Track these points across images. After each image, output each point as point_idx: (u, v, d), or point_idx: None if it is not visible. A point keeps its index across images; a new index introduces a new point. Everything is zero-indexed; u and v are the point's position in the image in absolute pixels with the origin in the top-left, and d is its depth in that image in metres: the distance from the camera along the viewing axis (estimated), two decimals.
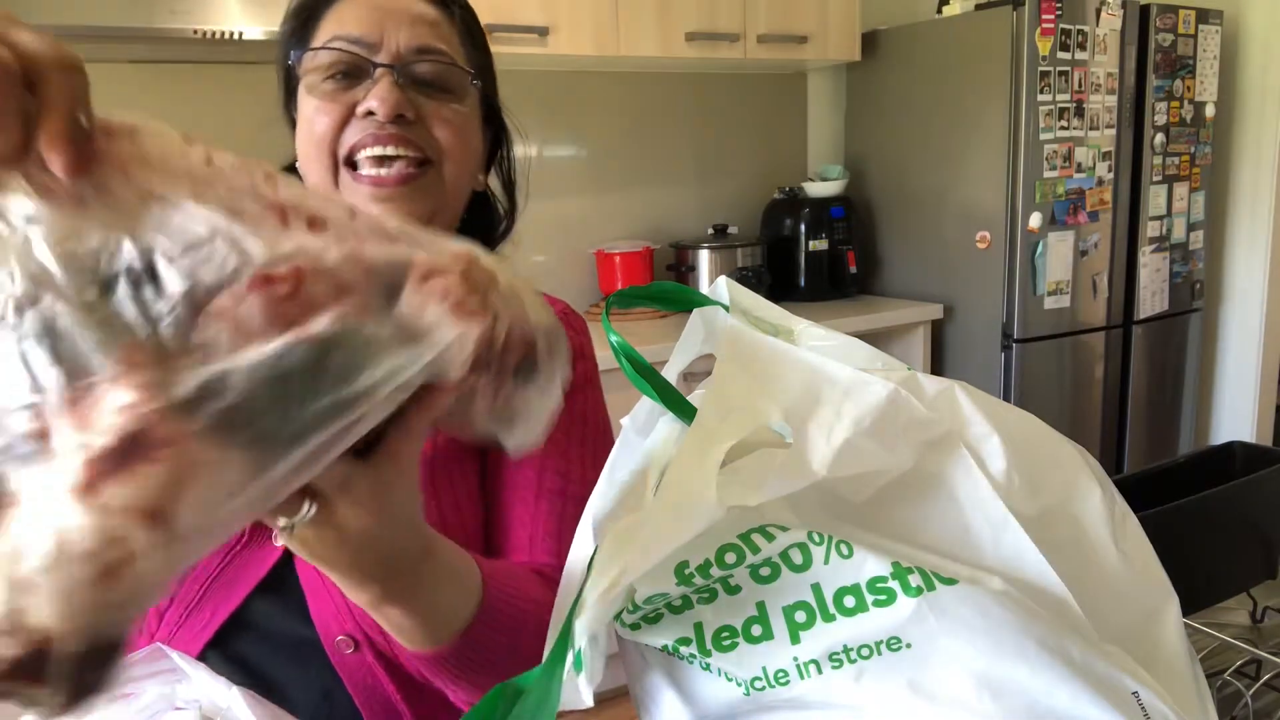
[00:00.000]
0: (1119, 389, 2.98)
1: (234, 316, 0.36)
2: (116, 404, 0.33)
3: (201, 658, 0.70)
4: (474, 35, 0.85)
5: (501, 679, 0.50)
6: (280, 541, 0.47)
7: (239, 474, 0.35)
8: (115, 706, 0.56)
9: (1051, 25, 2.58)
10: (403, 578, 0.54)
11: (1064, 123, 2.66)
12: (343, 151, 0.75)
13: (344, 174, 0.76)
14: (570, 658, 0.53)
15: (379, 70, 0.75)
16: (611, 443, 0.61)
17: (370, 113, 0.74)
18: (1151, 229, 2.91)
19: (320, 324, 0.37)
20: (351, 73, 0.76)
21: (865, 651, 0.50)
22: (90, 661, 0.32)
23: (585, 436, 0.83)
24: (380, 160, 0.75)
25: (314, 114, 0.76)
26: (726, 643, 0.53)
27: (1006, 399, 2.73)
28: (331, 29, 0.77)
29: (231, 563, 0.74)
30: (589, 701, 0.52)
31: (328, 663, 0.73)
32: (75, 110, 0.35)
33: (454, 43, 0.81)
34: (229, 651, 0.73)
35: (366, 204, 0.74)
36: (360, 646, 0.73)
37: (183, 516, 0.33)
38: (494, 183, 0.95)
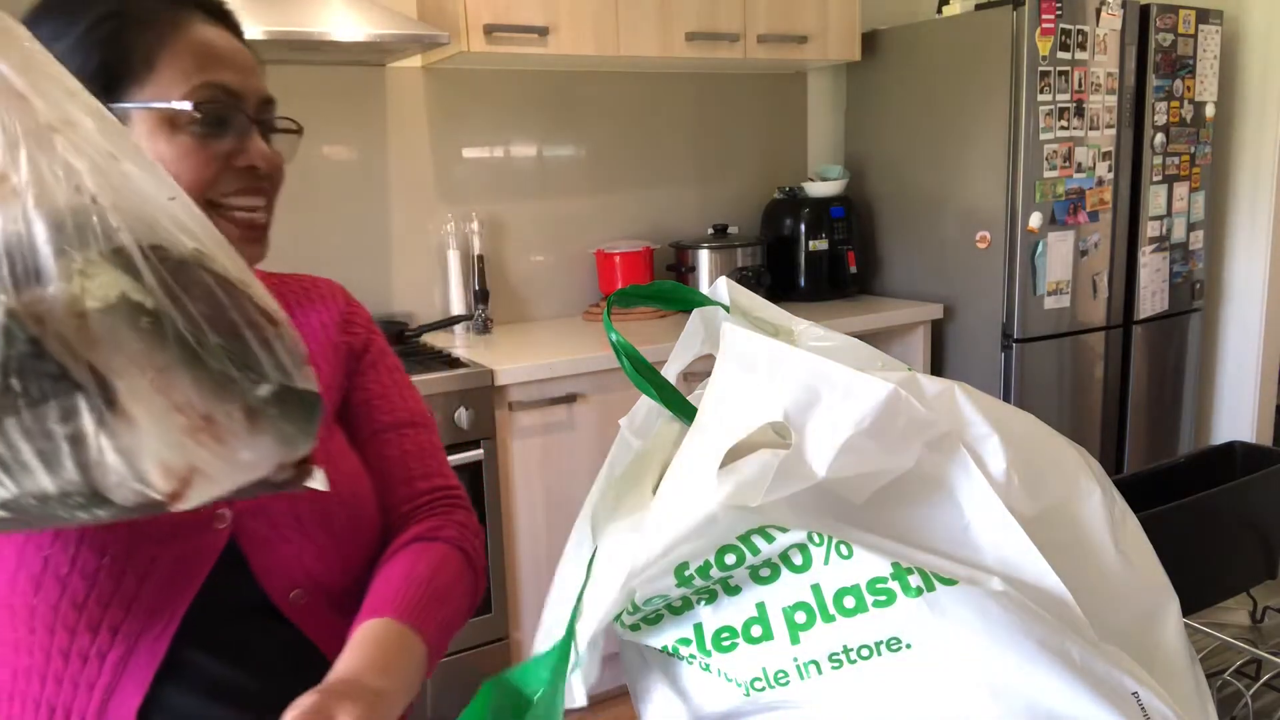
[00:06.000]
0: (1119, 389, 2.98)
1: None
2: None
3: (178, 637, 0.75)
4: None
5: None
6: None
7: None
8: None
9: (1051, 25, 2.58)
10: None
11: (1064, 123, 2.66)
12: (211, 195, 0.79)
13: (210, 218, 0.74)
14: (573, 662, 0.53)
15: (251, 125, 0.80)
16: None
17: (251, 166, 0.80)
18: (1151, 229, 2.91)
19: None
20: (226, 119, 0.79)
21: (865, 652, 0.50)
22: None
23: (408, 382, 0.98)
24: (251, 207, 0.81)
25: (182, 157, 0.76)
26: (726, 643, 0.53)
27: (1006, 399, 2.73)
28: (188, 63, 0.76)
29: (184, 556, 0.77)
30: (583, 701, 0.52)
31: (284, 618, 0.81)
32: None
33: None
34: (200, 631, 0.77)
35: (236, 244, 0.72)
36: (313, 596, 0.82)
37: None
38: None
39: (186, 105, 0.76)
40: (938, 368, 2.95)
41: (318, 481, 0.57)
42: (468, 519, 0.93)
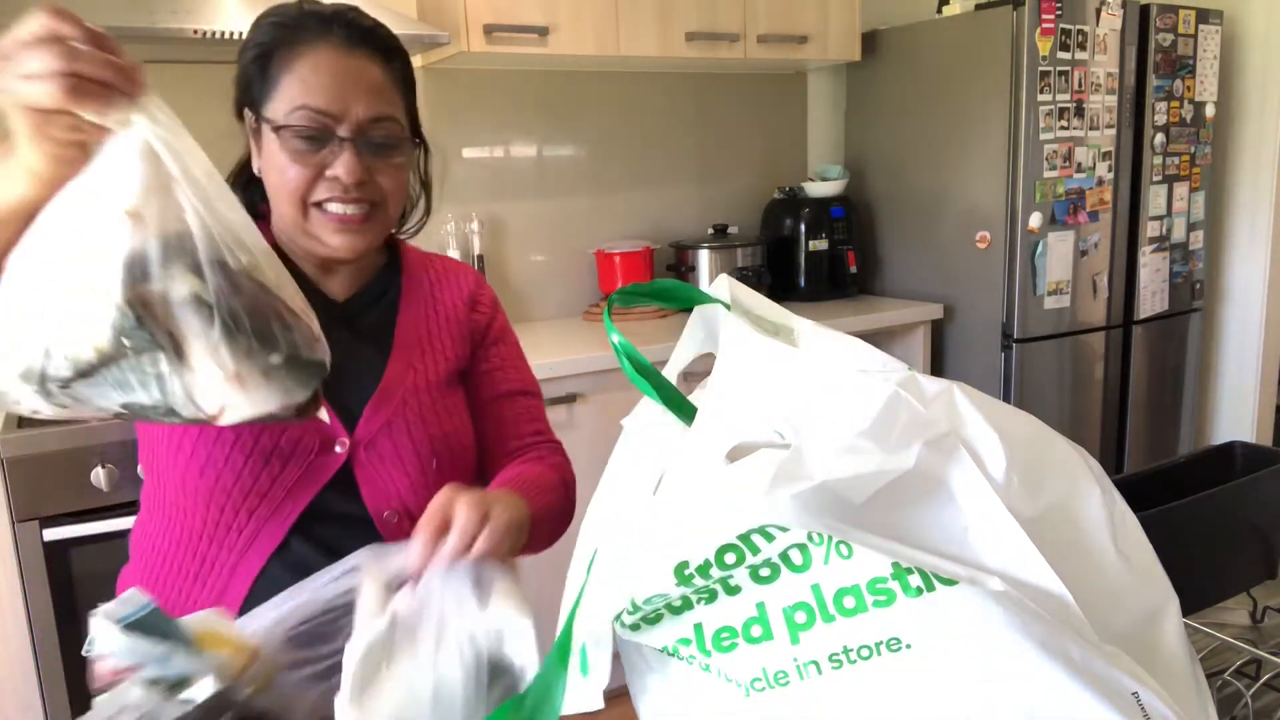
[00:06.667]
0: (1119, 389, 2.98)
1: None
2: None
3: (293, 530, 0.97)
4: (410, 79, 1.05)
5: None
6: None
7: None
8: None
9: (1051, 25, 2.58)
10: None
11: (1064, 123, 2.66)
12: (311, 200, 0.97)
13: (312, 211, 0.97)
14: (576, 660, 0.53)
15: (344, 142, 0.95)
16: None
17: (337, 177, 0.95)
18: (1151, 229, 2.91)
19: None
20: (317, 137, 0.95)
21: (865, 652, 0.50)
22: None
23: (522, 356, 1.21)
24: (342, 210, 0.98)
25: (285, 165, 0.95)
26: (726, 643, 0.53)
27: (1006, 399, 2.73)
28: (295, 88, 0.94)
29: (309, 468, 0.97)
30: (599, 703, 0.52)
31: (377, 533, 0.99)
32: None
33: (397, 99, 1.01)
34: (310, 529, 0.98)
35: (332, 236, 0.98)
36: (403, 518, 1.00)
37: None
38: None
39: (280, 125, 0.94)
40: (938, 368, 2.95)
41: (321, 415, 0.82)
42: (564, 462, 1.12)
